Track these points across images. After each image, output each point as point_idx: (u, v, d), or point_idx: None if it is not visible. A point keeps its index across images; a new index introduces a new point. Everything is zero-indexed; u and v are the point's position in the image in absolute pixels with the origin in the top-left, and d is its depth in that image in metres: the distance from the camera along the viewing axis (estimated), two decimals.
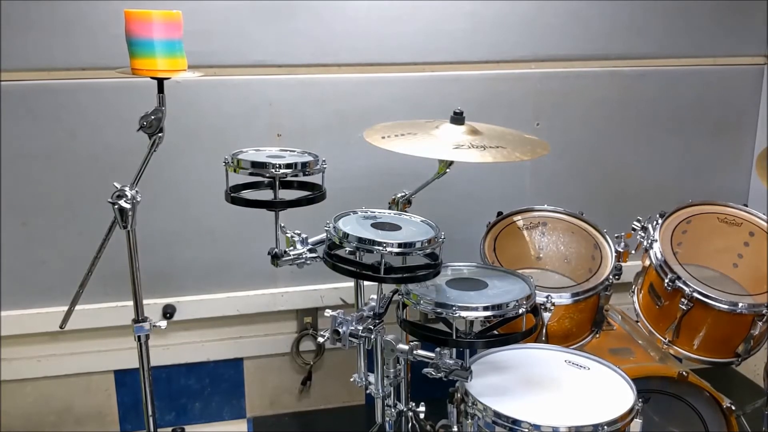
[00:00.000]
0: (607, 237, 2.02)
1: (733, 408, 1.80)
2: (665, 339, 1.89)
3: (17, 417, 2.38)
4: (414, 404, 1.70)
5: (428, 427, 1.71)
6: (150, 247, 2.16)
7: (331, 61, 2.28)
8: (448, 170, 1.84)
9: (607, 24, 2.43)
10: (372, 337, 1.53)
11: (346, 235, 1.41)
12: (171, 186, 2.25)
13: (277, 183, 1.62)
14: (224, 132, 2.25)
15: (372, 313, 1.56)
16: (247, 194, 1.70)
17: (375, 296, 1.57)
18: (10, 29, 2.03)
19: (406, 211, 1.83)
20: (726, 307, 1.78)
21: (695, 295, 1.78)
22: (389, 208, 1.91)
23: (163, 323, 1.73)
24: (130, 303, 1.71)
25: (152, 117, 1.59)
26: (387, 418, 1.66)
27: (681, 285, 1.80)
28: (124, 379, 2.43)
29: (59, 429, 2.43)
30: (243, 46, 2.20)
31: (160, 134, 1.60)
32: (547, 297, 1.79)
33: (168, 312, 2.34)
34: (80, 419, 2.45)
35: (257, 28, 2.20)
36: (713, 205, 2.06)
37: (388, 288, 1.54)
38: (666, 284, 1.82)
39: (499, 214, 2.13)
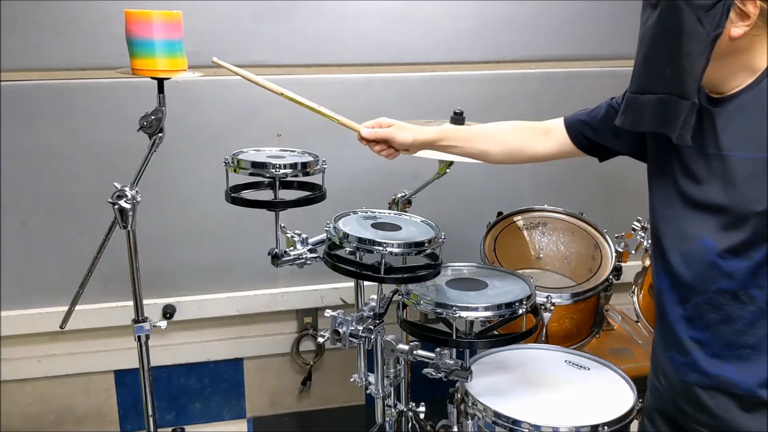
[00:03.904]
0: (607, 237, 2.02)
1: None
2: None
3: (17, 417, 2.38)
4: (414, 404, 1.70)
5: (428, 427, 1.71)
6: (150, 247, 2.16)
7: (331, 61, 2.28)
8: (448, 170, 1.85)
9: (607, 24, 2.43)
10: (372, 337, 1.53)
11: (346, 236, 1.41)
12: (171, 186, 2.25)
13: (278, 183, 1.62)
14: (224, 132, 2.25)
15: (372, 313, 1.56)
16: (248, 194, 1.70)
17: (375, 296, 1.57)
18: (10, 29, 2.03)
19: (406, 211, 1.83)
20: None
21: None
22: (389, 208, 1.92)
23: (163, 323, 1.73)
24: (130, 303, 1.70)
25: (152, 117, 1.59)
26: (387, 418, 1.67)
27: None
28: (124, 379, 2.43)
29: (59, 429, 2.43)
30: (243, 46, 2.20)
31: (160, 134, 1.60)
32: (547, 297, 1.79)
33: (168, 312, 2.34)
34: (80, 419, 2.45)
35: (257, 28, 2.20)
36: None
37: (388, 288, 1.54)
38: None
39: (499, 214, 2.13)
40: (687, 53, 1.07)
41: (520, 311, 1.43)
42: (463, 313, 1.39)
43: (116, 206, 1.57)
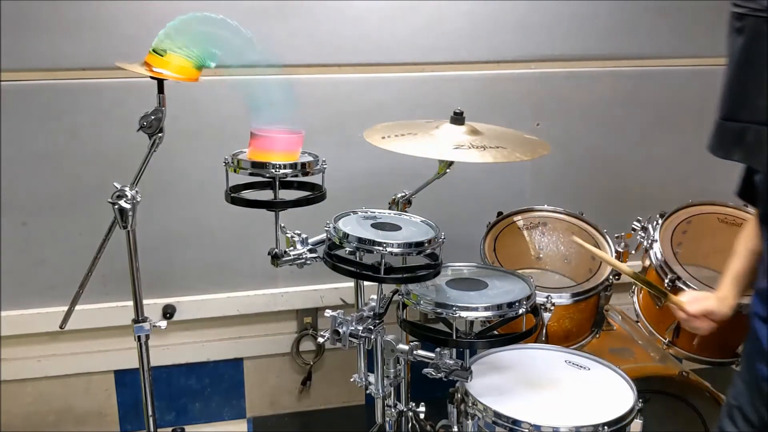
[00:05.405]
0: (607, 237, 2.02)
1: None
2: (665, 339, 1.89)
3: (17, 417, 2.38)
4: (414, 404, 1.70)
5: (428, 427, 1.71)
6: (150, 247, 2.15)
7: (331, 61, 2.28)
8: (448, 170, 1.84)
9: (606, 24, 2.43)
10: (372, 337, 1.53)
11: (346, 236, 1.41)
12: (171, 186, 2.25)
13: (277, 183, 1.62)
14: (224, 132, 2.25)
15: (372, 313, 1.56)
16: (247, 194, 1.70)
17: (375, 296, 1.57)
18: (10, 29, 2.03)
19: (406, 211, 1.83)
20: None
21: None
22: (389, 208, 1.91)
23: (163, 323, 1.73)
24: (130, 303, 1.70)
25: (152, 117, 1.59)
26: (387, 418, 1.67)
27: (681, 285, 1.80)
28: (124, 379, 2.43)
29: (59, 429, 2.43)
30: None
31: (160, 134, 1.60)
32: (547, 297, 1.79)
33: (168, 312, 2.34)
34: (80, 419, 2.45)
35: (257, 28, 2.19)
36: (713, 205, 2.06)
37: (388, 288, 1.54)
38: (666, 284, 1.82)
39: (499, 214, 2.13)
40: None
41: (520, 311, 1.43)
42: (463, 313, 1.39)
43: (116, 206, 1.57)
